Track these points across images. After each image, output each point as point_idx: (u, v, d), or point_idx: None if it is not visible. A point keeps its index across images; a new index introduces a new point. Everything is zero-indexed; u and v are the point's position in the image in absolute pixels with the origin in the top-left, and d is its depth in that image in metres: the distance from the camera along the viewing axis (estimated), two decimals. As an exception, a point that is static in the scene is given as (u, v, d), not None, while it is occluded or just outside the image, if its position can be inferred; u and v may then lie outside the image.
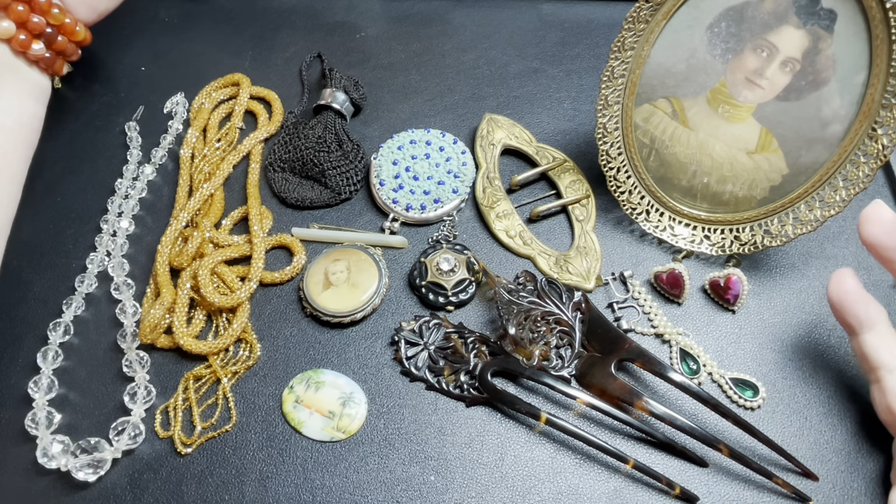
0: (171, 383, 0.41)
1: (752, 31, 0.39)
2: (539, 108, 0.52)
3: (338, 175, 0.47)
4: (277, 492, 0.38)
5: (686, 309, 0.43)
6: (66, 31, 0.46)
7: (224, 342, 0.41)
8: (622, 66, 0.42)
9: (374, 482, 0.38)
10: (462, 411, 0.40)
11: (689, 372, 0.41)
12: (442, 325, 0.42)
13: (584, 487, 0.37)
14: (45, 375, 0.40)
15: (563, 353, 0.40)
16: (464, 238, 0.46)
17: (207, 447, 0.39)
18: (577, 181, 0.47)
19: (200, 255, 0.44)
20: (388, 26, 0.57)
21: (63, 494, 0.38)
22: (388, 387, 0.41)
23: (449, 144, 0.48)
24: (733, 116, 0.42)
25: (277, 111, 0.52)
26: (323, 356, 0.42)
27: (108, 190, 0.48)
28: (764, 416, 0.39)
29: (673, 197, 0.45)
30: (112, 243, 0.46)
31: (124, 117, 0.52)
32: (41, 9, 0.44)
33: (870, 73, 0.38)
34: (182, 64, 0.55)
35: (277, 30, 0.57)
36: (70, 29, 0.46)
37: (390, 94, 0.53)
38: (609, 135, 0.44)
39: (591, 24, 0.56)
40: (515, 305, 0.40)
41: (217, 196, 0.47)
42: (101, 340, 0.42)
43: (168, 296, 0.41)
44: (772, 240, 0.42)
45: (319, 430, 0.39)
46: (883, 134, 0.38)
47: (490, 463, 0.38)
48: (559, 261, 0.44)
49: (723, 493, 0.37)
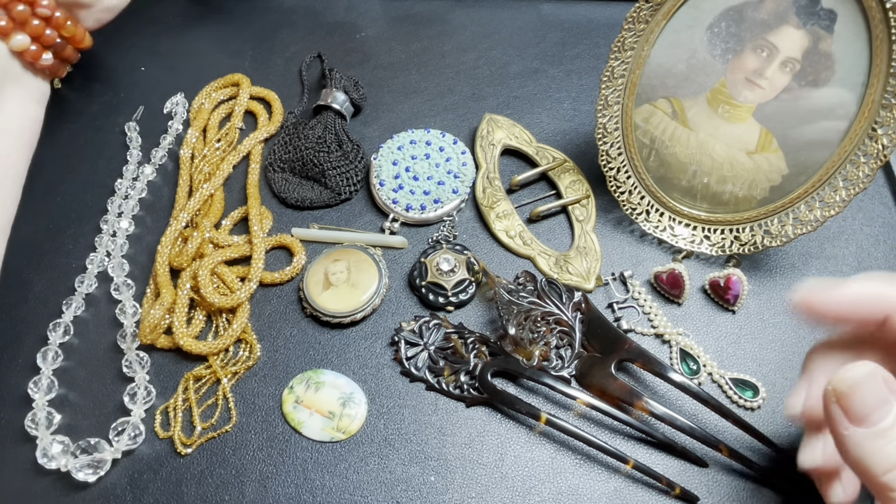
0: (171, 383, 0.41)
1: (752, 31, 0.39)
2: (539, 108, 0.52)
3: (338, 175, 0.47)
4: (277, 492, 0.38)
5: (686, 309, 0.43)
6: (76, 42, 0.47)
7: (224, 342, 0.41)
8: (622, 66, 0.42)
9: (374, 482, 0.38)
10: (462, 411, 0.40)
11: (689, 372, 0.41)
12: (442, 326, 0.42)
13: (584, 487, 0.37)
14: (45, 376, 0.40)
15: (563, 354, 0.40)
16: (464, 238, 0.46)
17: (207, 447, 0.39)
18: (577, 181, 0.47)
19: (200, 255, 0.44)
20: (388, 26, 0.57)
21: (63, 495, 0.38)
22: (388, 387, 0.41)
23: (449, 144, 0.48)
24: (733, 116, 0.42)
25: (277, 111, 0.52)
26: (323, 356, 0.42)
27: (108, 190, 0.48)
28: (764, 416, 0.39)
29: (673, 197, 0.45)
30: (112, 243, 0.46)
31: (124, 117, 0.52)
32: (57, 24, 0.44)
33: (870, 73, 0.38)
34: (182, 64, 0.55)
35: (277, 30, 0.57)
36: (79, 39, 0.46)
37: (390, 94, 0.53)
38: (609, 135, 0.44)
39: (591, 24, 0.56)
40: (515, 306, 0.40)
41: (217, 196, 0.47)
42: (101, 340, 0.42)
43: (168, 296, 0.41)
44: (772, 240, 0.42)
45: (319, 431, 0.39)
46: (883, 134, 0.38)
47: (490, 463, 0.38)
48: (559, 261, 0.44)
49: (723, 493, 0.37)
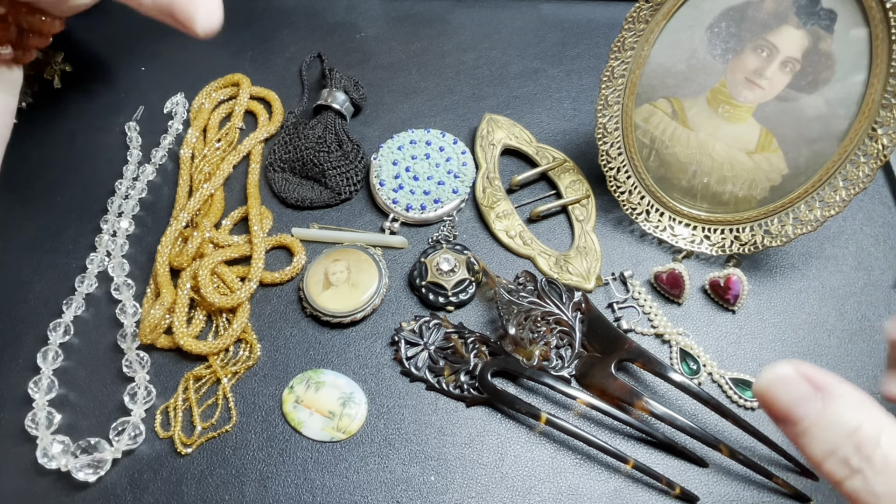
0: (171, 383, 0.41)
1: (753, 31, 0.39)
2: (539, 108, 0.52)
3: (338, 175, 0.47)
4: (277, 492, 0.38)
5: (686, 309, 0.43)
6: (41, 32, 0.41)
7: (224, 342, 0.41)
8: (622, 66, 0.42)
9: (374, 482, 0.38)
10: (462, 411, 0.40)
11: (689, 372, 0.41)
12: (442, 325, 0.42)
13: (584, 487, 0.37)
14: (45, 375, 0.40)
15: (563, 353, 0.40)
16: (464, 238, 0.46)
17: (207, 447, 0.39)
18: (577, 181, 0.47)
19: (200, 255, 0.44)
20: (388, 26, 0.57)
21: (63, 494, 0.38)
22: (388, 387, 0.41)
23: (449, 144, 0.48)
24: (733, 116, 0.42)
25: (277, 111, 0.52)
26: (323, 356, 0.42)
27: (108, 190, 0.48)
28: (764, 416, 0.39)
29: (673, 197, 0.45)
30: (112, 243, 0.46)
31: (124, 117, 0.52)
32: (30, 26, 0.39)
33: (870, 73, 0.38)
34: (182, 64, 0.55)
35: (277, 30, 0.57)
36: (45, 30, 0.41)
37: (390, 94, 0.53)
38: (609, 135, 0.44)
39: (591, 24, 0.56)
40: (515, 305, 0.40)
41: (217, 196, 0.47)
42: (101, 340, 0.42)
43: (168, 296, 0.41)
44: (772, 240, 0.42)
45: (319, 431, 0.39)
46: (883, 134, 0.38)
47: (490, 463, 0.38)
48: (559, 261, 0.44)
49: (723, 493, 0.37)
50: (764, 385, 0.24)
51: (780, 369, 0.24)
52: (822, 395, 0.23)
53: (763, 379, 0.24)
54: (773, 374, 0.24)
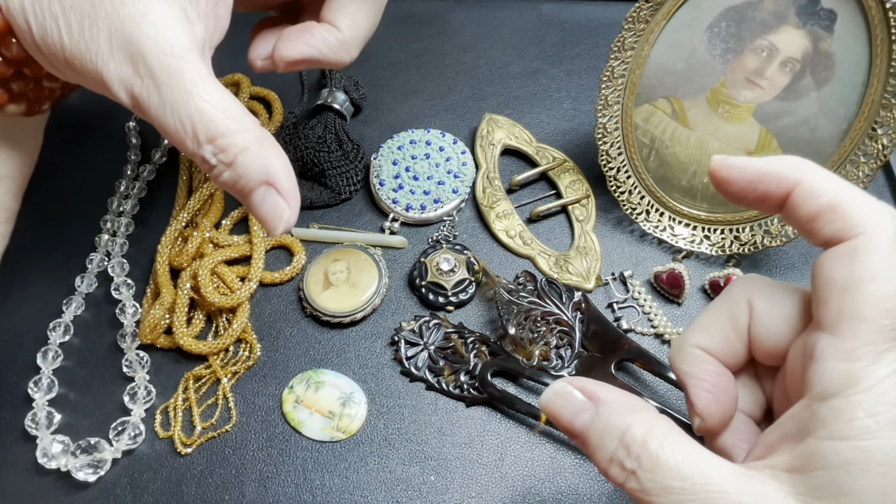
0: (171, 383, 0.41)
1: (752, 31, 0.39)
2: (539, 108, 0.52)
3: (338, 175, 0.47)
4: (277, 492, 0.38)
5: (686, 309, 0.43)
6: None
7: (224, 342, 0.41)
8: (622, 66, 0.42)
9: (374, 482, 0.38)
10: (462, 411, 0.40)
11: (689, 372, 0.40)
12: (442, 325, 0.42)
13: (584, 487, 0.37)
14: (45, 375, 0.40)
15: (563, 353, 0.40)
16: (464, 238, 0.46)
17: (207, 447, 0.39)
18: (577, 181, 0.47)
19: (200, 255, 0.44)
20: (388, 26, 0.57)
21: (63, 494, 0.38)
22: (388, 387, 0.41)
23: (449, 144, 0.48)
24: (733, 116, 0.42)
25: (277, 111, 0.52)
26: (323, 356, 0.42)
27: (108, 190, 0.48)
28: (764, 416, 0.39)
29: (673, 197, 0.45)
30: (112, 243, 0.46)
31: (124, 117, 0.52)
32: None
33: (870, 73, 0.38)
34: (182, 64, 0.55)
35: (277, 30, 0.57)
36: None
37: (390, 94, 0.53)
38: (609, 135, 0.44)
39: (591, 24, 0.56)
40: (515, 305, 0.40)
41: (217, 196, 0.47)
42: (101, 340, 0.42)
43: (168, 296, 0.41)
44: (772, 240, 0.42)
45: (319, 430, 0.39)
46: (883, 134, 0.38)
47: (490, 463, 0.38)
48: (559, 261, 0.44)
49: (723, 493, 0.37)
50: (545, 403, 0.25)
51: (556, 386, 0.25)
52: (594, 404, 0.24)
53: (543, 397, 0.26)
54: (551, 392, 0.25)
